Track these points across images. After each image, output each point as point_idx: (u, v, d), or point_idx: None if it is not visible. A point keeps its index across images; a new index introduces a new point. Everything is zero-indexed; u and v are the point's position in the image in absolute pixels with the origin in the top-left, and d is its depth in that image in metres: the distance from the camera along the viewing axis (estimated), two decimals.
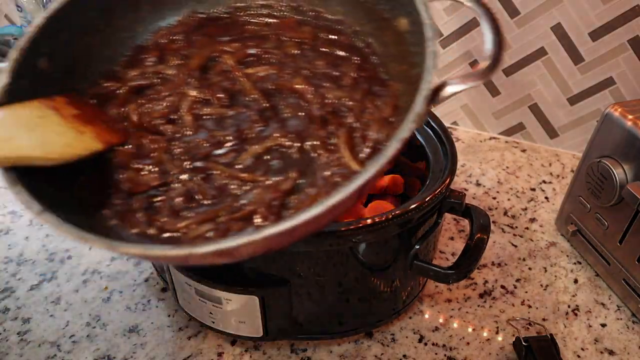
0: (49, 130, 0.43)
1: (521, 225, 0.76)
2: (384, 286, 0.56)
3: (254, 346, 0.60)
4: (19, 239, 0.73)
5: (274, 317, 0.55)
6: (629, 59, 0.78)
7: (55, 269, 0.69)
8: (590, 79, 0.82)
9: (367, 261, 0.53)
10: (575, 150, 0.89)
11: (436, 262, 0.64)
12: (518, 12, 0.81)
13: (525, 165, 0.87)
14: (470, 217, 0.57)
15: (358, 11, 0.53)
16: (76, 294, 0.66)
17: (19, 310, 0.64)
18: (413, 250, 0.54)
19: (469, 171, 0.86)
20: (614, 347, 0.61)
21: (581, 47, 0.80)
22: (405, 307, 0.61)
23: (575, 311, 0.65)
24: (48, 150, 0.41)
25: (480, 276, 0.69)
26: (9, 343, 0.60)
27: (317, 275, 0.53)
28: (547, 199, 0.81)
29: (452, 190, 0.57)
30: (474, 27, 0.84)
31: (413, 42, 0.45)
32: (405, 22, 0.47)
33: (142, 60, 0.55)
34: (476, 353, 0.60)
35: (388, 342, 0.61)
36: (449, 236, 0.74)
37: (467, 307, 0.65)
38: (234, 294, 0.52)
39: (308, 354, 0.59)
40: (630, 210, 0.60)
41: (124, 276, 0.68)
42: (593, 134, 0.65)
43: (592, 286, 0.68)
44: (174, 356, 0.59)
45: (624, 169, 0.60)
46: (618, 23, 0.76)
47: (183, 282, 0.55)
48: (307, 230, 0.39)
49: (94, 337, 0.61)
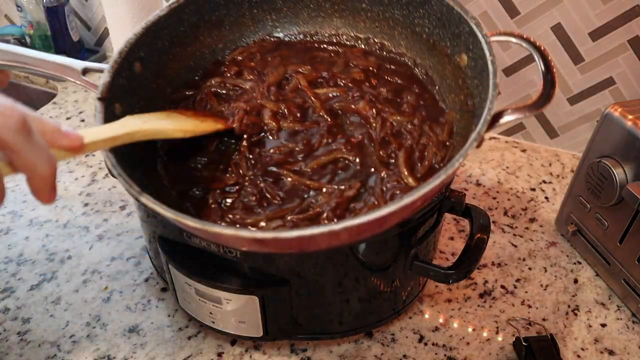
0: (178, 119, 0.52)
1: (521, 225, 0.76)
2: (384, 286, 0.56)
3: (254, 346, 0.60)
4: (19, 239, 0.73)
5: (274, 317, 0.55)
6: (629, 59, 0.78)
7: (55, 269, 0.69)
8: (590, 79, 0.82)
9: (367, 261, 0.53)
10: (575, 150, 0.89)
11: (436, 262, 0.65)
12: (518, 12, 0.81)
13: (525, 165, 0.87)
14: (470, 217, 0.57)
15: (420, 46, 0.59)
16: (76, 294, 0.66)
17: (19, 310, 0.64)
18: (413, 250, 0.54)
19: (469, 171, 0.86)
20: (614, 347, 0.61)
21: (581, 47, 0.80)
22: (405, 307, 0.61)
23: (575, 311, 0.65)
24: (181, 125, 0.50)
25: (480, 276, 0.69)
26: (9, 343, 0.60)
27: (317, 275, 0.53)
28: (547, 199, 0.81)
29: (452, 190, 0.57)
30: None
31: (472, 75, 0.51)
32: (465, 58, 0.52)
33: (221, 72, 0.62)
34: (476, 353, 0.60)
35: (388, 342, 0.61)
36: (449, 236, 0.74)
37: (467, 307, 0.65)
38: (234, 294, 0.52)
39: (308, 354, 0.59)
40: (630, 210, 0.60)
41: (124, 276, 0.68)
42: (593, 134, 0.65)
43: (592, 286, 0.68)
44: (174, 356, 0.59)
45: (624, 169, 0.60)
46: (618, 23, 0.76)
47: (183, 282, 0.55)
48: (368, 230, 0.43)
49: (94, 337, 0.61)
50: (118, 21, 0.85)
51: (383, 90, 0.58)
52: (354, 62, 0.61)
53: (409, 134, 0.53)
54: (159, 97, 0.59)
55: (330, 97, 0.57)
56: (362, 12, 0.62)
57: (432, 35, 0.57)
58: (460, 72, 0.53)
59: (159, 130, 0.49)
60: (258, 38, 0.66)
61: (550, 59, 0.45)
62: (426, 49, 0.58)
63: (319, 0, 0.63)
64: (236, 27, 0.64)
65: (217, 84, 0.60)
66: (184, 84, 0.61)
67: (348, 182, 0.50)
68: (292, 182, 0.50)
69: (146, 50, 0.56)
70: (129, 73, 0.54)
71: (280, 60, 0.62)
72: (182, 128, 0.51)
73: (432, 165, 0.51)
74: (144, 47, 0.56)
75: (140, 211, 0.59)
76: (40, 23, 1.06)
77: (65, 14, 1.05)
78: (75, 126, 0.94)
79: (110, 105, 0.51)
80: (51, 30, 1.06)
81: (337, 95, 0.58)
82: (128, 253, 0.71)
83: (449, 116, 0.55)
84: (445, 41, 0.55)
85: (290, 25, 0.66)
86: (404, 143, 0.52)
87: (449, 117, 0.55)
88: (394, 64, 0.61)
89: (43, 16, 1.04)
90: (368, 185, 0.49)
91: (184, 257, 0.54)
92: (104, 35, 1.15)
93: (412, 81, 0.59)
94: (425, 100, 0.57)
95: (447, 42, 0.54)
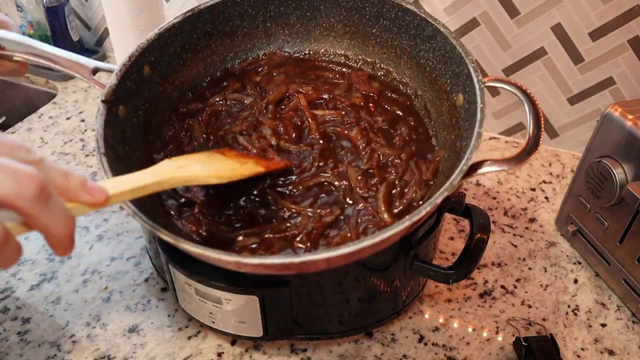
0: (216, 163, 0.51)
1: (521, 225, 0.76)
2: (384, 286, 0.56)
3: (254, 346, 0.60)
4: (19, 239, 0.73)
5: (274, 317, 0.55)
6: (629, 59, 0.78)
7: (55, 269, 0.69)
8: (590, 79, 0.82)
9: (367, 261, 0.53)
10: (575, 150, 0.89)
11: (436, 262, 0.65)
12: (518, 12, 0.81)
13: (525, 165, 0.87)
14: (470, 217, 0.57)
15: (423, 78, 0.60)
16: (76, 294, 0.66)
17: (19, 310, 0.64)
18: (413, 250, 0.54)
19: None
20: (614, 347, 0.61)
21: (581, 47, 0.80)
22: (405, 307, 0.61)
23: (575, 311, 0.65)
24: (217, 170, 0.49)
25: (480, 276, 0.69)
26: (9, 343, 0.60)
27: (317, 275, 0.53)
28: (547, 199, 0.81)
29: None
30: (474, 27, 0.84)
31: (465, 117, 0.51)
32: (462, 98, 0.53)
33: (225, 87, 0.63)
34: (476, 353, 0.60)
35: (388, 342, 0.61)
36: (449, 236, 0.74)
37: (467, 307, 0.65)
38: (234, 294, 0.52)
39: (308, 354, 0.59)
40: (630, 210, 0.59)
41: (124, 276, 0.68)
42: (593, 134, 0.65)
43: (592, 286, 0.68)
44: (174, 356, 0.59)
45: (624, 169, 0.60)
46: (618, 23, 0.76)
47: (183, 282, 0.55)
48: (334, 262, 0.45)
49: (94, 337, 0.61)
50: (118, 21, 0.85)
51: (379, 119, 0.59)
52: (356, 86, 0.62)
53: (394, 168, 0.54)
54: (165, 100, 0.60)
55: (327, 121, 0.58)
56: (372, 37, 0.64)
57: (434, 70, 0.58)
58: (455, 112, 0.54)
59: (193, 177, 0.46)
60: (269, 51, 0.67)
61: (541, 113, 0.46)
62: (428, 82, 0.60)
63: (331, 21, 0.65)
64: (248, 39, 0.66)
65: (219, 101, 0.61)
66: (190, 89, 0.62)
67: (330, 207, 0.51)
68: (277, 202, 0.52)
69: (157, 54, 0.57)
70: (137, 76, 0.55)
71: (285, 77, 0.63)
72: (218, 174, 0.48)
73: (411, 203, 0.52)
74: (155, 51, 0.57)
75: None
76: (40, 23, 1.06)
77: (65, 14, 1.05)
78: (74, 127, 0.94)
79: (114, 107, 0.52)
80: (51, 30, 1.06)
81: (333, 119, 0.59)
82: (128, 253, 0.71)
83: (438, 154, 0.55)
84: (445, 78, 0.56)
85: (301, 41, 0.67)
86: (387, 177, 0.53)
87: (437, 155, 0.55)
88: (395, 92, 0.62)
89: (43, 16, 1.04)
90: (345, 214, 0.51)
91: (184, 257, 0.54)
92: (104, 35, 1.15)
93: (409, 112, 0.60)
94: (419, 134, 0.58)
95: (447, 79, 0.56)
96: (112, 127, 0.51)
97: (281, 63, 0.65)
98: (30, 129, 0.93)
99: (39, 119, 0.96)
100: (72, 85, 1.04)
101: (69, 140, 0.91)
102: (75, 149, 0.88)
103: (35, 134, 0.92)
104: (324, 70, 0.65)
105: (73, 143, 0.90)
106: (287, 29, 0.66)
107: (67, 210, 0.35)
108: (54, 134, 0.92)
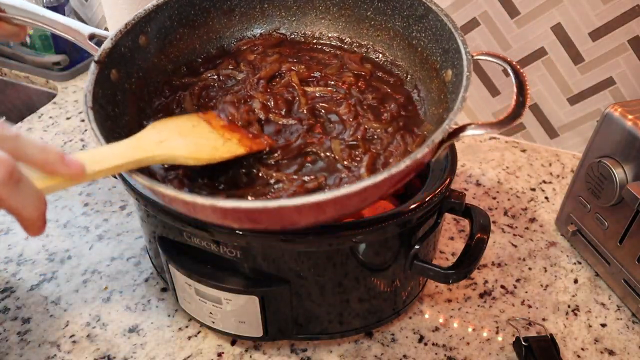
0: (199, 136, 0.49)
1: (521, 225, 0.76)
2: (384, 286, 0.56)
3: (254, 346, 0.60)
4: (19, 239, 0.73)
5: (274, 317, 0.55)
6: (629, 59, 0.78)
7: (55, 269, 0.69)
8: (590, 79, 0.82)
9: (367, 261, 0.53)
10: (575, 150, 0.89)
11: (436, 262, 0.64)
12: (518, 12, 0.81)
13: (525, 165, 0.87)
14: (470, 217, 0.57)
15: (414, 58, 0.61)
16: (76, 294, 0.66)
17: (19, 310, 0.64)
18: (413, 250, 0.54)
19: (469, 171, 0.86)
20: (614, 347, 0.61)
21: (581, 47, 0.80)
22: (405, 307, 0.61)
23: (575, 311, 0.65)
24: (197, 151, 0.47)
25: (480, 276, 0.69)
26: (9, 343, 0.60)
27: (317, 275, 0.53)
28: (547, 199, 0.81)
29: (452, 190, 0.57)
30: (474, 26, 0.84)
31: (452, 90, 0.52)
32: (450, 73, 0.53)
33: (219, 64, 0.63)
34: (476, 353, 0.60)
35: (388, 342, 0.61)
36: (449, 236, 0.74)
37: (467, 307, 0.65)
38: (234, 294, 0.52)
39: (308, 354, 0.59)
40: (630, 210, 0.59)
41: (124, 276, 0.68)
42: (593, 134, 0.65)
43: (592, 286, 0.68)
44: (173, 356, 0.59)
45: (624, 169, 0.60)
46: (618, 23, 0.76)
47: (183, 282, 0.55)
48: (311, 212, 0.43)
49: (94, 337, 0.61)
50: (118, 21, 0.85)
51: (369, 97, 0.59)
52: (348, 66, 0.63)
53: (379, 140, 0.55)
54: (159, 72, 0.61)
55: (317, 97, 0.59)
56: (366, 20, 0.65)
57: (425, 49, 0.59)
58: (443, 87, 0.55)
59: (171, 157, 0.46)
60: (264, 32, 0.68)
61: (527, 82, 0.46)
62: (419, 61, 0.61)
63: (327, 4, 0.66)
64: (245, 18, 0.67)
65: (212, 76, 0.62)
66: (185, 64, 0.63)
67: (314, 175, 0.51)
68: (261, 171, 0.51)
69: (153, 26, 0.58)
70: (132, 44, 0.56)
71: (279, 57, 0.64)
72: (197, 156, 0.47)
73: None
74: (152, 22, 0.58)
75: (140, 211, 0.59)
76: None
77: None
78: (74, 127, 0.94)
79: (106, 69, 0.52)
80: None
81: (323, 95, 0.59)
82: (128, 253, 0.71)
83: (425, 128, 0.56)
84: (436, 56, 0.57)
85: (297, 23, 0.68)
86: (371, 148, 0.54)
87: (425, 128, 0.56)
88: (387, 73, 0.63)
89: None
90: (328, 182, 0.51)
91: (184, 257, 0.54)
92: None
93: (399, 91, 0.61)
94: (408, 111, 0.59)
95: (437, 57, 0.57)
96: (103, 87, 0.52)
97: (276, 44, 0.66)
98: (30, 129, 0.93)
99: (39, 119, 0.96)
100: (72, 85, 1.04)
101: (69, 140, 0.91)
102: (75, 149, 0.88)
103: (35, 134, 0.92)
104: (318, 52, 0.66)
105: (73, 143, 0.90)
106: (284, 11, 0.67)
107: (37, 193, 0.35)
108: (54, 134, 0.92)
